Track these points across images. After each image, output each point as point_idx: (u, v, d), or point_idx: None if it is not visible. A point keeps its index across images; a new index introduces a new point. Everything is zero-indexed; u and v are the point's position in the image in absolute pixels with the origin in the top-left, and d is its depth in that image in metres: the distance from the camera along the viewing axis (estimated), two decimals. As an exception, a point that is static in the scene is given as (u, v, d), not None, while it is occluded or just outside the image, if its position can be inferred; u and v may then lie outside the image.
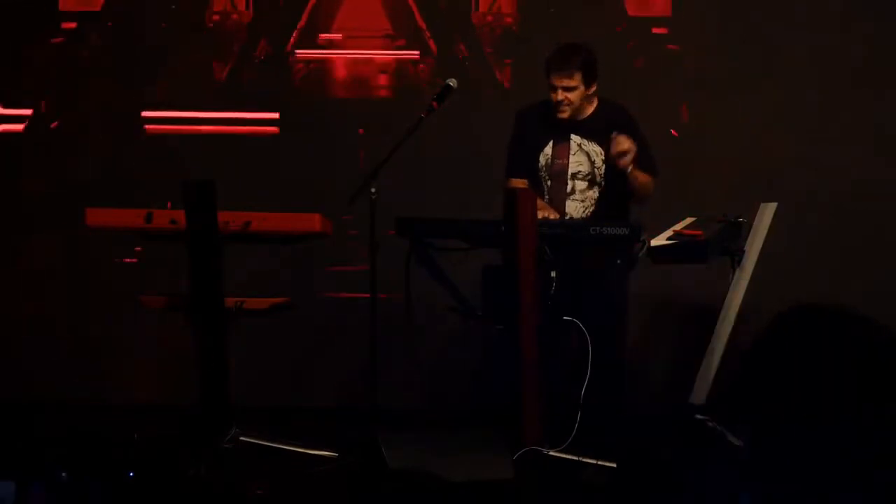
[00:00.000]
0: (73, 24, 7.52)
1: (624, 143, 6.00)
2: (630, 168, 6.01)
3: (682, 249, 6.11)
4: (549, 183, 6.21)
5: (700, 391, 6.23)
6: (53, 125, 7.52)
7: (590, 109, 6.19)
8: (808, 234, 7.11)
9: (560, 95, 6.08)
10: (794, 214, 6.72)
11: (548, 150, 6.21)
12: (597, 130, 6.17)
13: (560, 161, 6.20)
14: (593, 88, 6.14)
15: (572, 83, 6.08)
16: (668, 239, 6.11)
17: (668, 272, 6.41)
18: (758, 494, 4.55)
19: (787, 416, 4.02)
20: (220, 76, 7.50)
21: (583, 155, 6.18)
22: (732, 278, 6.24)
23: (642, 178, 6.11)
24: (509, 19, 7.44)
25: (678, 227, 6.20)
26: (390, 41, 7.50)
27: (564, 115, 6.12)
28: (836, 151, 7.19)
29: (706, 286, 6.58)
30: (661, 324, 7.25)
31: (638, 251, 5.93)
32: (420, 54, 7.48)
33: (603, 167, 6.16)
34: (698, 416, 6.18)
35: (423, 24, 7.46)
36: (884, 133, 7.20)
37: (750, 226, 6.26)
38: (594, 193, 6.19)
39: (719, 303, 6.31)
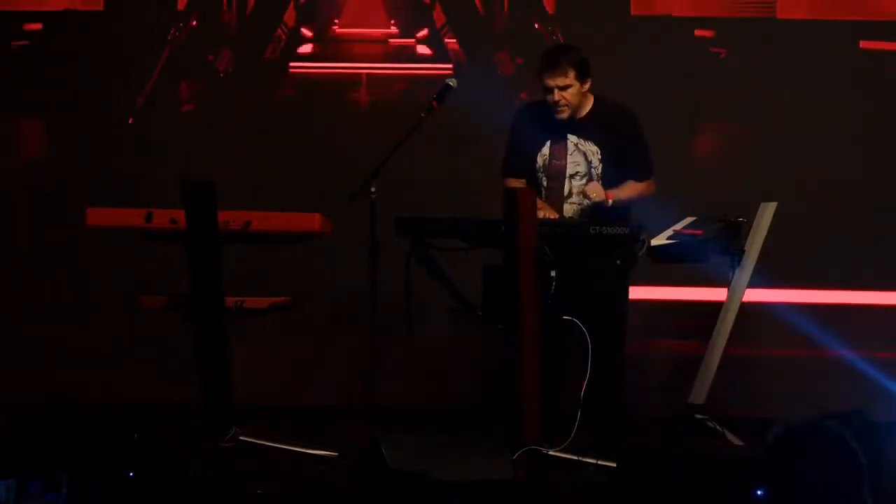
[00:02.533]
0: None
1: (593, 193, 6.01)
2: (610, 200, 6.01)
3: (682, 249, 6.11)
4: (546, 183, 6.19)
5: (700, 391, 6.23)
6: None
7: (586, 108, 6.17)
8: (809, 233, 7.11)
9: (556, 96, 6.06)
10: (794, 214, 6.72)
11: (545, 150, 6.19)
12: (594, 130, 6.15)
13: (558, 162, 6.18)
14: (587, 85, 6.12)
15: (567, 81, 6.05)
16: (669, 239, 6.11)
17: (669, 272, 6.40)
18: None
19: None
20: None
21: (580, 155, 6.16)
22: (732, 278, 6.24)
23: (633, 190, 6.11)
24: (522, 20, 7.44)
25: (678, 226, 6.20)
26: (390, 39, 7.51)
27: (563, 116, 6.10)
28: (837, 151, 7.19)
29: (706, 286, 6.58)
30: (661, 324, 7.24)
31: (638, 251, 5.93)
32: (420, 53, 7.49)
33: (600, 167, 6.14)
34: (698, 416, 6.18)
35: (432, 23, 7.48)
36: (884, 132, 7.20)
37: (750, 226, 6.26)
38: (592, 196, 6.18)
39: (719, 303, 6.31)
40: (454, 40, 7.45)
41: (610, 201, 6.00)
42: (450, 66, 7.37)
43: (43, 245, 7.48)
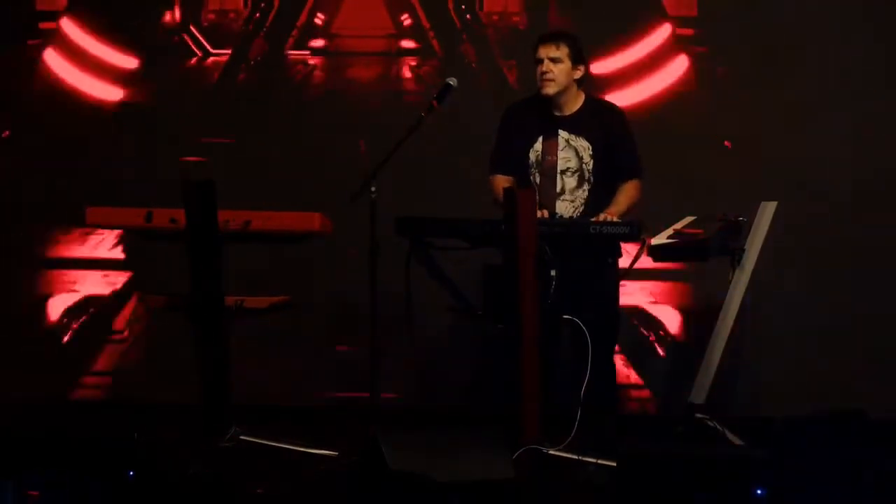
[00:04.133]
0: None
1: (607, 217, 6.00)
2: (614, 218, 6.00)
3: (682, 248, 6.11)
4: (538, 180, 6.19)
5: (700, 391, 6.23)
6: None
7: (577, 104, 6.18)
8: (809, 233, 7.10)
9: (545, 66, 6.06)
10: (794, 214, 6.71)
11: (538, 146, 6.19)
12: (584, 125, 6.15)
13: (550, 158, 6.18)
14: (579, 73, 6.12)
15: (557, 53, 6.06)
16: (669, 238, 6.11)
17: (668, 271, 6.41)
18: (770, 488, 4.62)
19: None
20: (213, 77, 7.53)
21: (570, 150, 6.17)
22: (732, 278, 6.24)
23: (627, 198, 6.10)
24: (516, 18, 7.43)
25: (678, 226, 6.20)
26: (393, 41, 7.51)
27: (549, 91, 6.08)
28: (838, 150, 7.18)
29: (706, 286, 6.58)
30: (661, 323, 7.24)
31: (638, 250, 5.93)
32: (422, 53, 7.49)
33: (591, 162, 6.14)
34: (698, 416, 6.18)
35: (426, 23, 7.46)
36: (885, 132, 7.19)
37: (750, 225, 6.26)
38: (583, 192, 6.17)
39: (719, 303, 6.31)
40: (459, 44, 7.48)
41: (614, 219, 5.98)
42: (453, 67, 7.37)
43: (43, 244, 7.48)
